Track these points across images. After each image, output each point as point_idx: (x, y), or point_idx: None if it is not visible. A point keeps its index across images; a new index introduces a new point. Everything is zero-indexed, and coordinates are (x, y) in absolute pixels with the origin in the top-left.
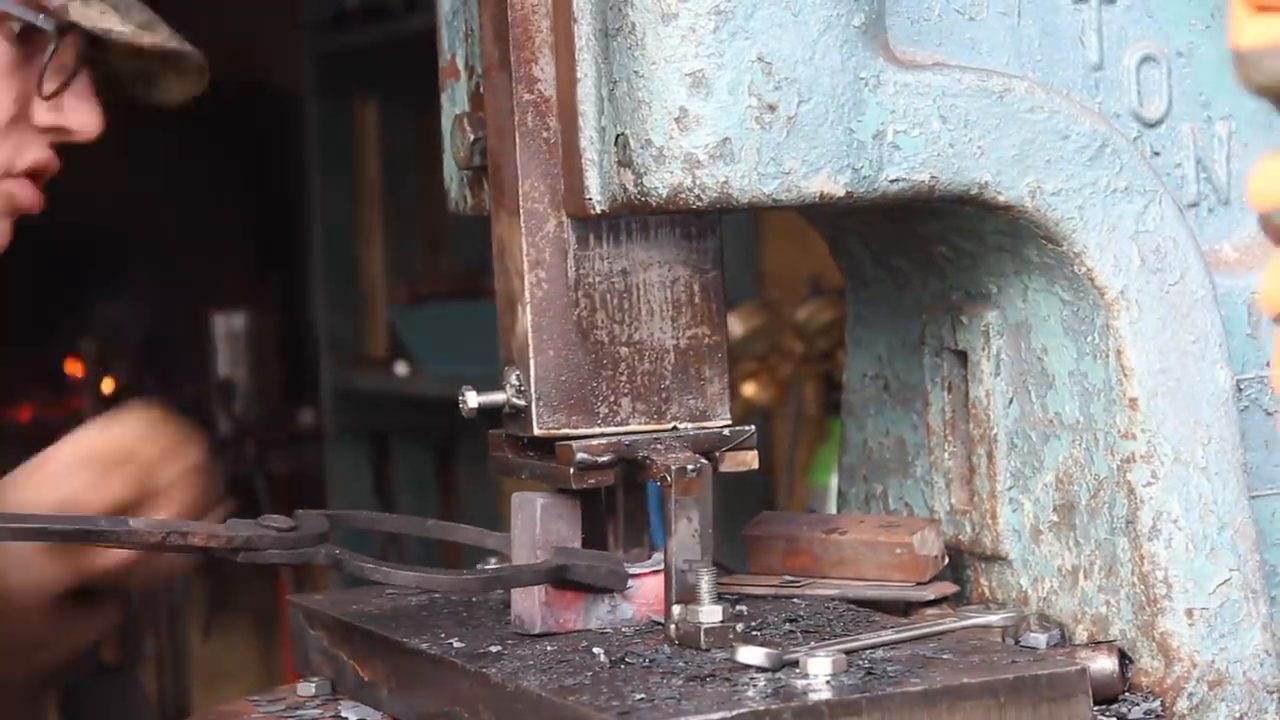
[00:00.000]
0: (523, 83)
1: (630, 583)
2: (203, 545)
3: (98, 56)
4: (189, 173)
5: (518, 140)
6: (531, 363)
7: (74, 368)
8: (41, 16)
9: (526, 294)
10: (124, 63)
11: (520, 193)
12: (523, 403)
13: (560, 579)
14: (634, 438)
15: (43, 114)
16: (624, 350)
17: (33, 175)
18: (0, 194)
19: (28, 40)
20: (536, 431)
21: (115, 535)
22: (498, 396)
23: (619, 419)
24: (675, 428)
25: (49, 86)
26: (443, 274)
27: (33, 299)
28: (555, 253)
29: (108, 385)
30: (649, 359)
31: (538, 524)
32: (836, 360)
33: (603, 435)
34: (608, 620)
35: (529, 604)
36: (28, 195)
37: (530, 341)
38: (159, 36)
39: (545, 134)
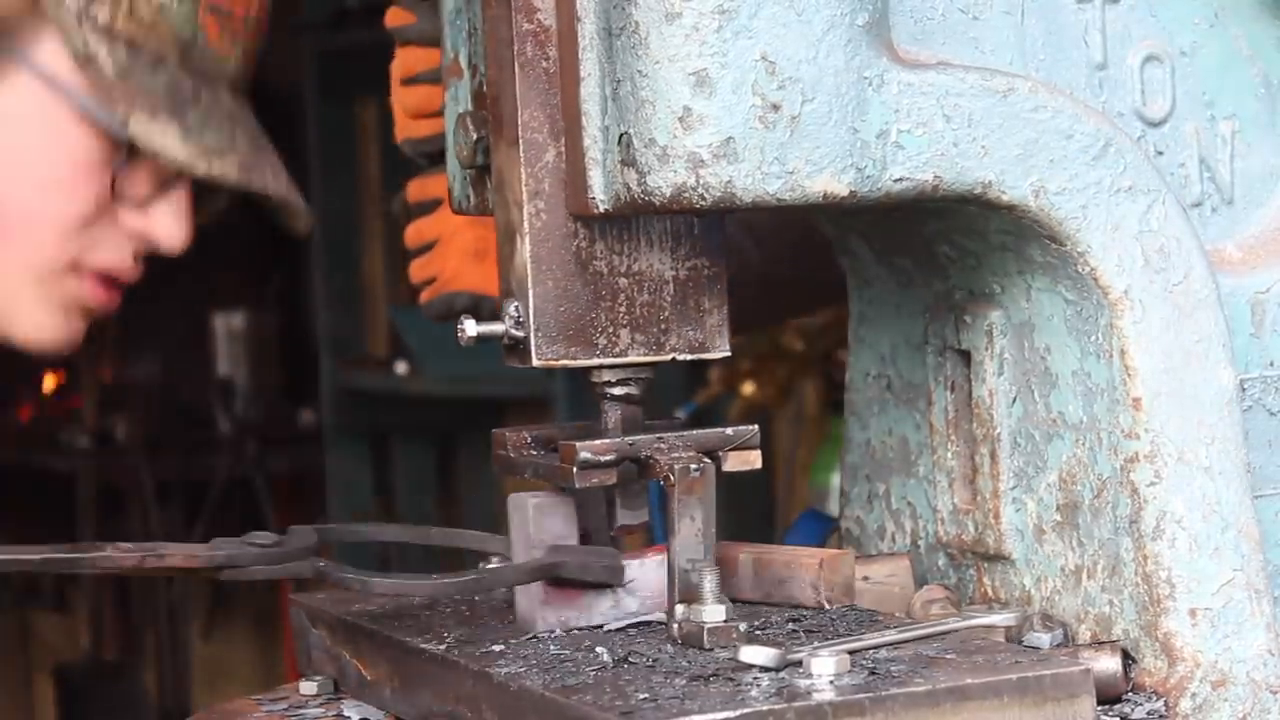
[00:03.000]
0: (522, 12)
1: (632, 576)
2: (183, 566)
3: None
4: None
5: (517, 70)
6: (530, 293)
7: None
8: (117, 121)
9: (525, 224)
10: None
11: (519, 123)
12: (521, 334)
13: (549, 576)
14: (637, 438)
15: (130, 218)
16: (623, 281)
17: (105, 278)
18: (64, 289)
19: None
20: (535, 362)
21: (92, 561)
22: (496, 327)
23: (618, 350)
24: (674, 359)
25: (132, 190)
26: None
27: None
28: (554, 183)
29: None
30: (648, 290)
31: (530, 524)
32: (837, 360)
33: (605, 367)
34: (611, 616)
35: (528, 605)
36: (96, 296)
37: (529, 272)
38: (222, 166)
39: (545, 64)
